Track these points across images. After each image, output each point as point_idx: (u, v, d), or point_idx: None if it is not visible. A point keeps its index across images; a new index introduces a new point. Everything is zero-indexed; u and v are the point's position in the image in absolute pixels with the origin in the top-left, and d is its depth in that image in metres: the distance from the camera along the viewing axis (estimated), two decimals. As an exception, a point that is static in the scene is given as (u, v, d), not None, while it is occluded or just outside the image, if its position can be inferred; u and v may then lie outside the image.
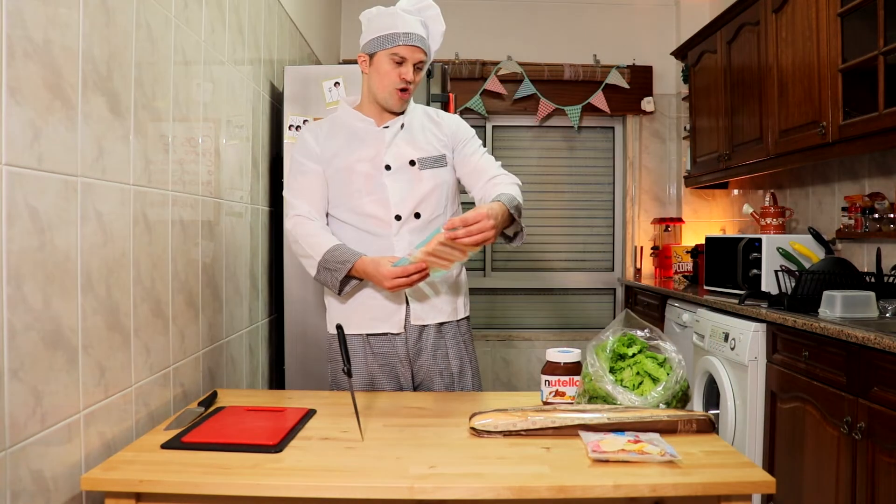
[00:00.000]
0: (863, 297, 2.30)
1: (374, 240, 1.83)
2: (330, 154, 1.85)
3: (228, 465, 1.23)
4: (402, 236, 1.83)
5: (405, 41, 1.78)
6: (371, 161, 1.83)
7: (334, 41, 4.32)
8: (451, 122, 1.95)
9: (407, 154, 1.85)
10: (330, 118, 1.94)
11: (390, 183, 1.83)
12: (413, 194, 1.83)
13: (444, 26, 1.89)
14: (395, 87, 1.81)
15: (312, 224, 1.83)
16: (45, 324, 1.18)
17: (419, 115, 1.94)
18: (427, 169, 1.85)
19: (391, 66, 1.80)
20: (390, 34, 1.78)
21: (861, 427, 1.92)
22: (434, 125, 1.93)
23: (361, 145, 1.85)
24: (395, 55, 1.78)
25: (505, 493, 1.15)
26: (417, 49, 1.80)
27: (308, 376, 2.62)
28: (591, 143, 4.66)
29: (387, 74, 1.80)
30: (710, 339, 2.80)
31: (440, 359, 1.88)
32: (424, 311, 1.86)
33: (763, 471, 1.22)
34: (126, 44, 1.46)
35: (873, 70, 2.29)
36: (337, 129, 1.89)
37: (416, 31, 1.80)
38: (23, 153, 1.11)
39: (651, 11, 4.55)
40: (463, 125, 1.96)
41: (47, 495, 1.19)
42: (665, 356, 1.52)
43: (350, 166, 1.83)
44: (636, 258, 4.47)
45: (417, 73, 1.83)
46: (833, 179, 3.07)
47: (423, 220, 1.85)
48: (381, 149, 1.84)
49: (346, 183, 1.84)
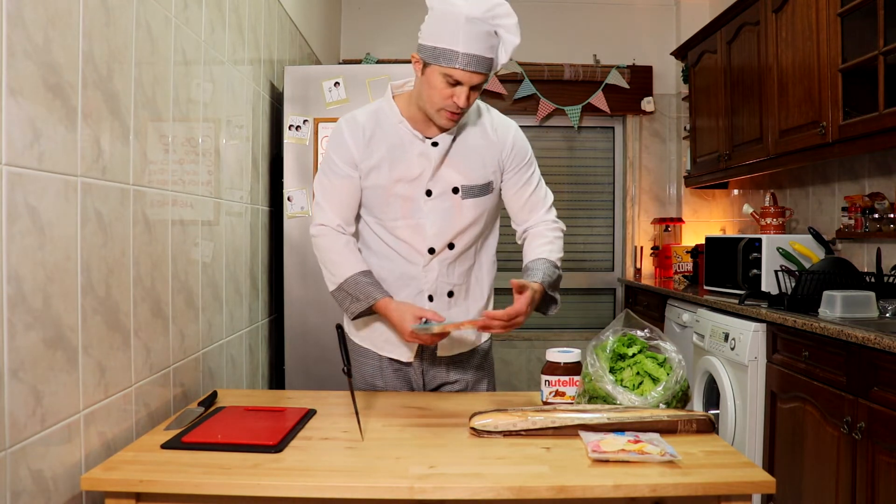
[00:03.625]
0: (863, 297, 2.30)
1: (403, 262, 1.70)
2: (369, 166, 1.66)
3: (228, 465, 1.23)
4: (433, 266, 1.70)
5: (463, 65, 1.51)
6: (412, 183, 1.65)
7: (334, 41, 4.31)
8: (508, 141, 1.72)
9: (452, 180, 1.66)
10: (374, 114, 1.69)
11: (429, 210, 1.66)
12: (451, 226, 1.67)
13: (519, 39, 1.58)
14: (445, 108, 1.57)
15: (338, 240, 1.69)
16: (45, 324, 1.18)
17: (473, 124, 1.71)
18: (470, 198, 1.67)
19: (444, 86, 1.55)
20: (449, 51, 1.51)
21: (861, 427, 1.92)
22: (487, 143, 1.70)
23: (404, 162, 1.65)
24: (450, 77, 1.53)
25: (505, 493, 1.15)
26: (477, 74, 1.54)
27: (308, 376, 2.62)
28: (591, 143, 4.66)
29: (438, 92, 1.56)
30: (710, 339, 2.80)
31: (454, 371, 1.81)
32: (451, 343, 1.77)
33: (763, 471, 1.22)
34: (126, 44, 1.46)
35: (873, 70, 2.29)
36: (381, 136, 1.67)
37: (480, 53, 1.52)
38: (23, 153, 1.11)
39: (651, 11, 4.55)
40: (520, 146, 1.74)
41: (47, 495, 1.19)
42: (665, 356, 1.52)
43: (389, 187, 1.65)
44: (636, 258, 4.47)
45: (474, 94, 1.58)
46: (833, 179, 3.07)
47: (456, 251, 1.71)
48: (425, 169, 1.64)
49: (381, 202, 1.68)
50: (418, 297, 1.71)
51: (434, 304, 1.71)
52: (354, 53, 4.45)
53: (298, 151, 2.62)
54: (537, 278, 1.64)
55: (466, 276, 1.75)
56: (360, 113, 1.71)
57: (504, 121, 1.76)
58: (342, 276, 1.67)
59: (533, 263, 1.70)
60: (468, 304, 1.77)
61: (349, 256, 1.69)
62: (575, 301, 4.66)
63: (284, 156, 2.62)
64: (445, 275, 1.71)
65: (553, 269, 1.68)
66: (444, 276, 1.71)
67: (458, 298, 1.75)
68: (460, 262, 1.73)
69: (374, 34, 4.50)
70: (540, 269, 1.67)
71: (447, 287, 1.72)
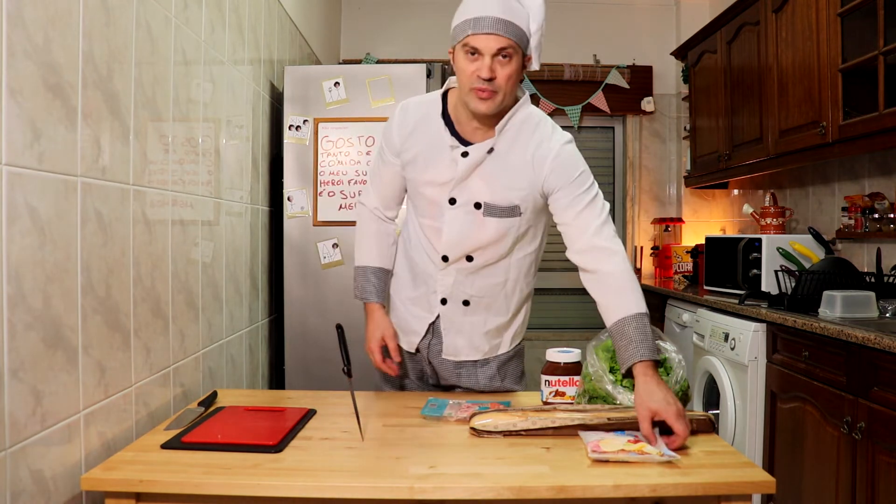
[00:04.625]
0: (863, 297, 2.30)
1: (426, 259, 1.70)
2: (406, 158, 1.66)
3: (228, 465, 1.23)
4: (449, 272, 1.66)
5: (476, 29, 1.44)
6: (440, 187, 1.61)
7: (334, 41, 4.31)
8: (547, 164, 1.57)
9: (477, 194, 1.58)
10: (426, 106, 1.65)
11: (449, 219, 1.61)
12: (470, 239, 1.61)
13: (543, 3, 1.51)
14: (472, 86, 1.48)
15: (371, 224, 1.78)
16: (45, 324, 1.18)
17: (521, 139, 1.58)
18: (492, 217, 1.59)
19: (466, 62, 1.48)
20: (463, 22, 1.47)
21: (861, 427, 1.92)
22: (524, 164, 1.57)
23: (436, 164, 1.61)
24: (467, 46, 1.46)
25: (505, 493, 1.15)
26: (494, 36, 1.43)
27: (308, 376, 2.62)
28: (591, 143, 4.66)
29: (462, 71, 1.49)
30: (710, 339, 2.80)
31: (465, 378, 1.77)
32: (457, 348, 1.73)
33: (763, 471, 1.22)
34: (126, 44, 1.46)
35: (873, 70, 2.29)
36: (423, 129, 1.63)
37: (491, 14, 1.43)
38: (23, 153, 1.11)
39: (651, 11, 4.55)
40: (560, 166, 1.57)
41: (47, 495, 1.19)
42: (665, 356, 1.52)
43: (419, 184, 1.65)
44: (636, 258, 4.47)
45: (503, 66, 1.46)
46: (833, 179, 3.07)
47: (476, 264, 1.64)
48: (452, 177, 1.59)
49: (414, 196, 1.70)
50: (431, 297, 1.71)
51: (447, 308, 1.70)
52: (354, 53, 4.45)
53: (298, 151, 2.63)
54: (636, 359, 1.41)
55: (491, 290, 1.69)
56: (414, 102, 1.68)
57: (552, 139, 1.59)
58: (359, 262, 1.79)
59: (618, 329, 1.48)
60: (487, 316, 1.71)
61: (374, 248, 1.78)
62: (575, 301, 4.66)
63: (284, 156, 2.63)
64: (463, 284, 1.67)
65: (642, 323, 1.48)
66: (461, 284, 1.67)
67: (477, 308, 1.70)
68: (483, 276, 1.66)
69: (374, 34, 4.50)
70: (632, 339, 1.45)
71: (463, 296, 1.69)
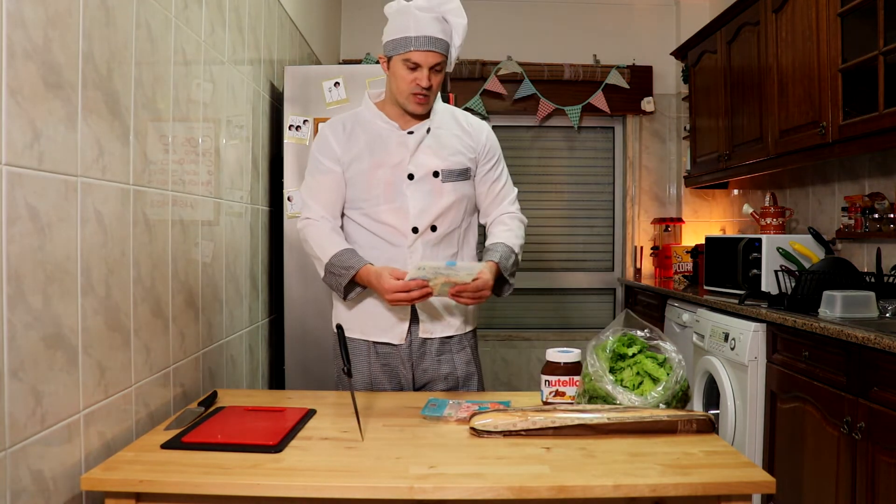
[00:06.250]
0: (863, 297, 2.30)
1: (388, 247, 1.80)
2: (350, 157, 1.80)
3: (228, 465, 1.23)
4: (417, 248, 1.79)
5: (416, 46, 1.70)
6: (393, 168, 1.78)
7: (334, 41, 4.31)
8: (482, 135, 1.88)
9: (431, 164, 1.79)
10: (353, 115, 1.87)
11: (411, 193, 1.78)
12: (433, 207, 1.79)
13: (465, 19, 1.79)
14: (412, 92, 1.74)
15: (323, 226, 1.80)
16: (45, 324, 1.18)
17: (447, 119, 1.87)
18: (449, 182, 1.80)
19: (406, 72, 1.73)
20: (402, 38, 1.72)
21: (861, 427, 1.92)
22: (463, 133, 1.86)
23: (384, 151, 1.79)
24: (408, 61, 1.72)
25: (505, 493, 1.15)
26: (432, 53, 1.72)
27: (308, 376, 2.62)
28: (591, 143, 4.66)
29: (402, 79, 1.74)
30: (710, 339, 2.80)
31: (444, 364, 1.85)
32: (433, 325, 1.84)
33: (763, 471, 1.22)
34: (126, 44, 1.46)
35: (873, 70, 2.29)
36: (359, 130, 1.83)
37: (430, 34, 1.71)
38: (23, 153, 1.11)
39: (651, 11, 4.55)
40: (493, 141, 1.91)
41: (47, 495, 1.19)
42: (665, 356, 1.52)
43: (371, 172, 1.78)
44: (636, 258, 4.47)
45: (436, 76, 1.75)
46: (833, 179, 3.07)
47: (439, 232, 1.81)
48: (405, 156, 1.78)
49: (365, 188, 1.79)
50: None
51: None
52: (354, 53, 4.45)
53: (298, 151, 2.62)
54: (494, 259, 1.79)
55: None
56: (335, 118, 1.89)
57: (477, 119, 1.93)
58: (327, 257, 1.77)
59: (492, 246, 1.84)
60: None
61: (335, 238, 1.80)
62: (575, 301, 4.66)
63: (284, 156, 2.62)
64: (430, 258, 1.79)
65: (510, 253, 1.82)
66: (427, 258, 1.78)
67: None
68: (443, 247, 1.82)
69: (374, 34, 4.45)
70: (498, 251, 1.81)
71: None
